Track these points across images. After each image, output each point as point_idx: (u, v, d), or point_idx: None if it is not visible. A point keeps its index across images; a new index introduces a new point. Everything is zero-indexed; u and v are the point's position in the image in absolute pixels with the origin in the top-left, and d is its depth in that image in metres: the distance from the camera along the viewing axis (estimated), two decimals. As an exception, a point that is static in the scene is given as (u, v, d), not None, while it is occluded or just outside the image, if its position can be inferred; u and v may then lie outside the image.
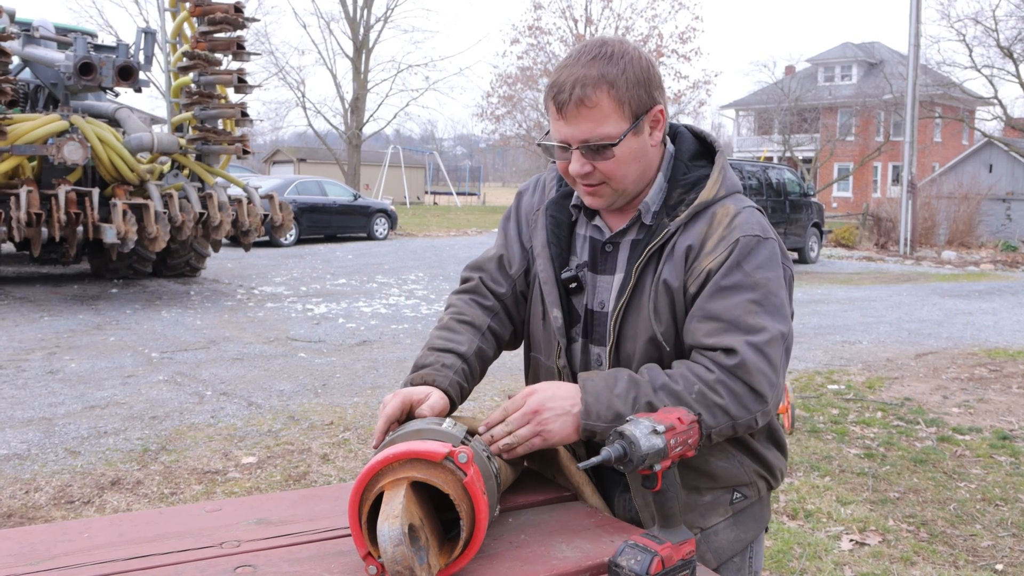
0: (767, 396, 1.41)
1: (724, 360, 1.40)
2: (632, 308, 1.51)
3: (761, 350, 1.40)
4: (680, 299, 1.48)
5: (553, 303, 1.59)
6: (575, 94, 1.42)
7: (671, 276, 1.48)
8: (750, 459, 1.57)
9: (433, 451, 1.18)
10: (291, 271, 14.30)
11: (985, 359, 8.03)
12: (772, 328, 1.42)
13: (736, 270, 1.44)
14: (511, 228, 1.72)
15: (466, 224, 29.23)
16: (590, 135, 1.44)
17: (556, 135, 1.48)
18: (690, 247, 1.48)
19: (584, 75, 1.43)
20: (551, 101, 1.46)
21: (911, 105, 21.98)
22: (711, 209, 1.51)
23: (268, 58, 37.06)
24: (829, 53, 47.14)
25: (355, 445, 5.00)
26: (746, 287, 1.43)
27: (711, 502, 1.55)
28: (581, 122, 1.44)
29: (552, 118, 1.48)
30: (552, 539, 1.34)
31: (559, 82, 1.45)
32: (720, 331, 1.42)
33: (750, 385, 1.40)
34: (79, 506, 4.02)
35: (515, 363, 6.39)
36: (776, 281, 1.46)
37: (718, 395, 1.39)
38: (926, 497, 4.38)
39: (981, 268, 18.83)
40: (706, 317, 1.44)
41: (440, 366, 1.54)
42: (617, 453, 1.14)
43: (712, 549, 1.55)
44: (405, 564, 1.09)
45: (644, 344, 1.50)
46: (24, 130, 9.07)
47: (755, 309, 1.42)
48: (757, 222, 1.49)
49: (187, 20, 10.41)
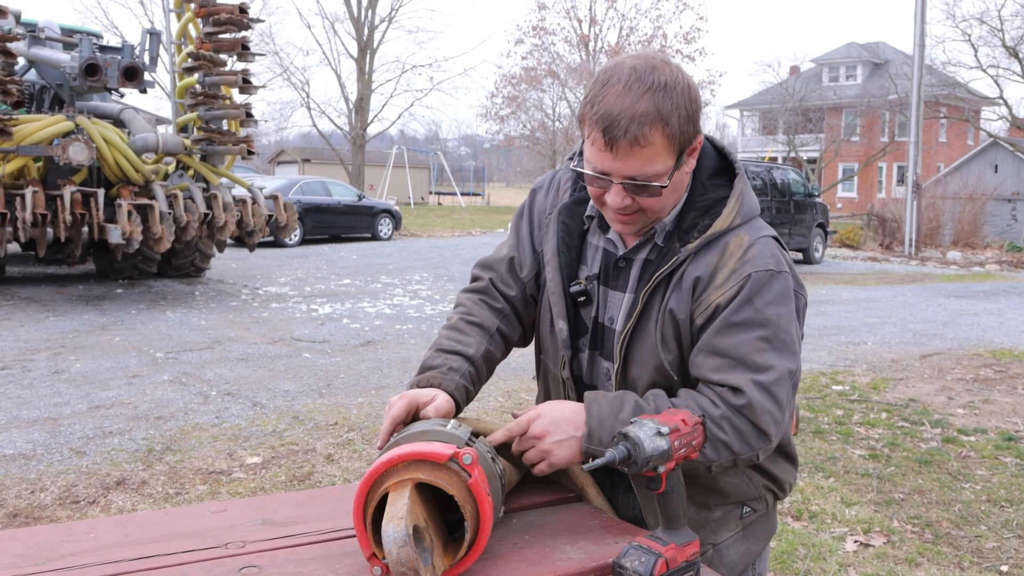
0: (771, 435, 1.41)
1: (731, 398, 1.39)
2: (639, 333, 1.49)
3: (768, 389, 1.39)
4: (687, 330, 1.46)
5: (560, 315, 1.57)
6: (631, 132, 1.34)
7: (677, 307, 1.45)
8: (759, 475, 1.58)
9: (438, 452, 1.18)
10: (295, 271, 14.32)
11: (990, 360, 8.01)
12: (780, 367, 1.40)
13: (746, 306, 1.41)
14: (524, 228, 1.70)
15: (470, 224, 29.24)
16: (638, 173, 1.38)
17: (597, 164, 1.41)
18: (699, 278, 1.44)
19: (641, 112, 1.34)
20: (599, 132, 1.37)
21: (916, 105, 21.94)
22: (724, 239, 1.46)
23: (273, 58, 37.16)
24: (834, 53, 47.05)
25: (359, 445, 5.00)
26: (756, 324, 1.40)
27: (721, 518, 1.56)
28: (631, 160, 1.37)
29: (596, 147, 1.39)
30: (556, 540, 1.34)
31: (611, 114, 1.35)
32: (726, 368, 1.40)
33: (755, 424, 1.39)
34: (84, 506, 4.03)
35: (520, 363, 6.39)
36: (787, 317, 1.43)
37: (722, 431, 1.38)
38: (931, 498, 4.37)
39: (986, 268, 18.78)
40: (713, 352, 1.42)
41: (447, 369, 1.54)
42: (621, 455, 1.14)
43: (725, 564, 1.56)
44: (409, 565, 1.09)
45: (651, 370, 1.49)
46: (30, 131, 9.10)
47: (764, 347, 1.40)
48: (771, 254, 1.45)
49: (192, 21, 10.42)
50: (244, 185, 10.79)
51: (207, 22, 10.01)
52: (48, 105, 11.08)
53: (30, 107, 11.01)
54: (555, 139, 44.35)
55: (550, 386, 1.69)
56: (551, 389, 1.69)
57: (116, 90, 10.83)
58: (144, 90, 10.25)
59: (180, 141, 10.03)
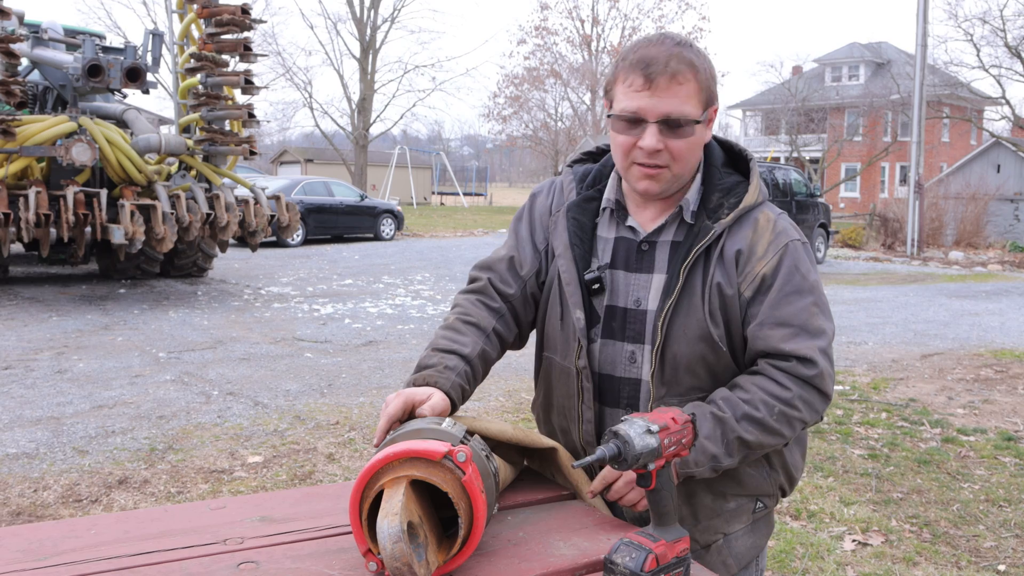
0: (831, 394, 1.53)
1: (803, 371, 1.48)
2: (681, 309, 1.53)
3: (827, 354, 1.51)
4: (734, 304, 1.52)
5: (576, 304, 1.60)
6: (671, 67, 1.44)
7: (724, 281, 1.52)
8: (780, 467, 1.63)
9: (432, 450, 1.20)
10: (298, 271, 14.35)
11: (991, 360, 8.01)
12: (829, 329, 1.53)
13: (795, 274, 1.51)
14: (523, 229, 1.73)
15: (473, 225, 29.25)
16: (673, 110, 1.46)
17: (633, 106, 1.47)
18: (740, 251, 1.52)
19: (678, 53, 1.45)
20: (637, 72, 1.46)
21: (918, 105, 21.92)
22: (752, 214, 1.56)
23: (275, 59, 37.21)
24: (836, 53, 47.01)
25: (360, 445, 5.03)
26: (806, 291, 1.51)
27: (735, 509, 1.60)
28: (669, 96, 1.45)
29: (633, 89, 1.47)
30: (550, 537, 1.36)
31: (649, 56, 1.45)
32: (793, 336, 1.49)
33: (821, 390, 1.50)
34: (87, 505, 4.05)
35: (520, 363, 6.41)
36: (820, 282, 1.56)
37: (797, 410, 1.49)
38: (929, 498, 4.39)
39: (988, 269, 18.76)
40: (778, 323, 1.50)
41: (443, 368, 1.55)
42: (612, 452, 1.16)
43: (734, 555, 1.61)
44: (404, 560, 1.11)
45: (696, 345, 1.53)
46: (33, 131, 9.13)
47: (816, 311, 1.51)
48: (795, 227, 1.58)
49: (195, 22, 10.45)
50: (246, 185, 10.81)
51: (209, 23, 10.03)
52: (51, 106, 11.12)
53: (33, 108, 11.05)
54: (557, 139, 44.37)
55: (554, 382, 1.70)
56: (556, 385, 1.69)
57: (119, 91, 10.86)
58: (147, 91, 10.28)
59: (183, 141, 10.06)
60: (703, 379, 1.54)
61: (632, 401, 1.60)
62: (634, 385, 1.59)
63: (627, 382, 1.59)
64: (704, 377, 1.54)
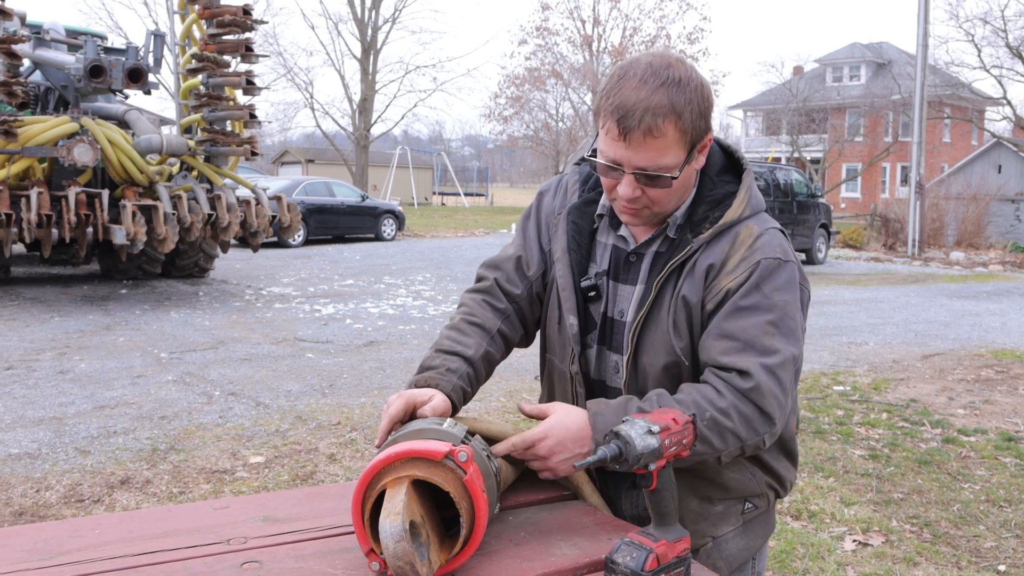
0: (776, 418, 1.44)
1: (739, 383, 1.42)
2: (651, 321, 1.52)
3: (774, 372, 1.42)
4: (697, 315, 1.50)
5: (570, 310, 1.60)
6: (644, 122, 1.38)
7: (690, 292, 1.49)
8: (762, 471, 1.60)
9: (434, 450, 1.21)
10: (299, 272, 14.35)
11: (992, 360, 8.01)
12: (785, 351, 1.44)
13: (755, 291, 1.45)
14: (531, 229, 1.72)
15: (474, 225, 29.26)
16: (649, 164, 1.42)
17: (610, 154, 1.45)
18: (711, 265, 1.49)
19: (655, 103, 1.38)
20: (613, 122, 1.41)
21: (919, 105, 21.92)
22: (735, 229, 1.51)
23: (276, 59, 37.22)
24: (837, 53, 47.00)
25: (362, 445, 5.03)
26: (763, 308, 1.45)
27: (723, 512, 1.58)
28: (643, 151, 1.41)
29: (610, 136, 1.43)
30: (551, 537, 1.36)
31: (626, 105, 1.39)
32: (735, 351, 1.44)
33: (761, 408, 1.42)
34: (89, 505, 4.06)
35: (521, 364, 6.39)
36: (793, 304, 1.48)
37: (730, 420, 1.41)
38: (930, 498, 4.39)
39: (990, 269, 18.76)
40: (722, 336, 1.46)
41: (445, 370, 1.56)
42: (613, 453, 1.17)
43: (723, 557, 1.59)
44: (406, 560, 1.12)
45: (662, 357, 1.52)
46: (35, 132, 9.14)
47: (771, 331, 1.44)
48: (779, 244, 1.51)
49: (196, 22, 10.46)
50: (248, 186, 10.82)
51: (211, 23, 10.05)
52: (53, 106, 11.13)
53: (35, 108, 11.06)
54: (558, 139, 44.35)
55: (555, 384, 1.71)
56: (556, 386, 1.71)
57: (120, 91, 10.89)
58: (148, 91, 10.31)
59: (184, 142, 10.07)
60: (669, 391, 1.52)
61: None
62: (619, 395, 1.58)
63: (615, 392, 1.60)
64: (670, 388, 1.52)
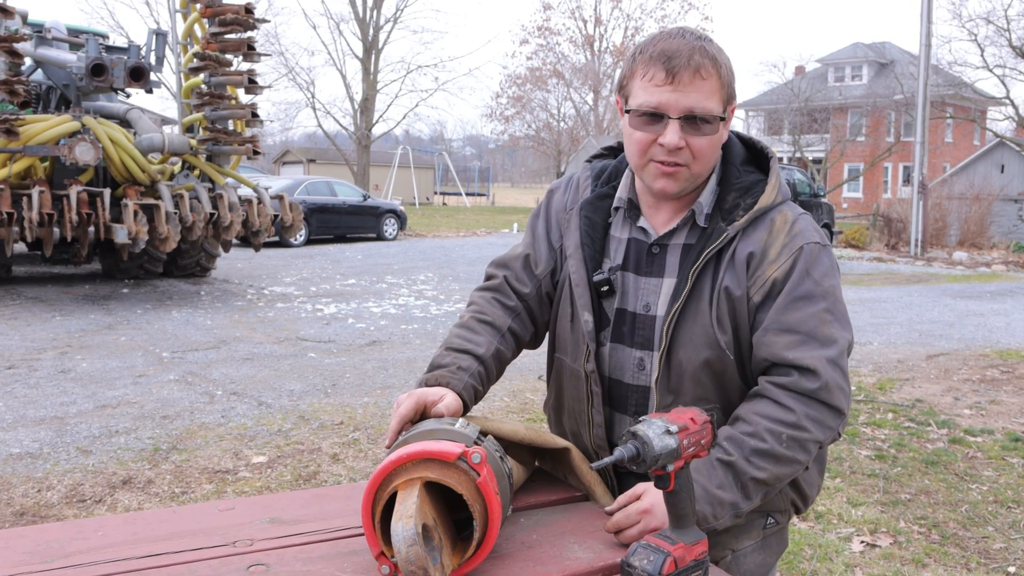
0: (845, 409, 1.43)
1: (805, 385, 1.40)
2: (688, 314, 1.47)
3: (837, 364, 1.42)
4: (743, 308, 1.46)
5: (584, 306, 1.56)
6: (694, 61, 1.39)
7: (733, 284, 1.45)
8: (790, 486, 1.57)
9: (447, 451, 1.18)
10: (301, 271, 14.34)
11: (997, 360, 7.98)
12: (842, 339, 1.44)
13: (807, 279, 1.43)
14: (540, 227, 1.69)
15: (475, 224, 29.24)
16: (697, 105, 1.41)
17: (654, 101, 1.41)
18: (752, 254, 1.45)
19: (700, 47, 1.40)
20: (658, 66, 1.40)
21: (922, 105, 21.88)
22: (769, 215, 1.49)
23: (278, 59, 37.21)
24: (839, 53, 46.95)
25: (365, 445, 5.01)
26: (818, 296, 1.43)
27: (745, 525, 1.54)
28: (692, 92, 1.40)
29: (653, 83, 1.41)
30: (564, 539, 1.34)
31: (671, 49, 1.39)
32: (799, 344, 1.41)
33: (829, 404, 1.41)
34: (91, 505, 4.04)
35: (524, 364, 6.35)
36: (839, 289, 1.48)
37: (807, 431, 1.40)
38: (937, 499, 4.36)
39: (993, 269, 18.72)
40: (783, 330, 1.43)
41: (456, 368, 1.53)
42: (630, 453, 1.14)
43: (742, 572, 1.55)
44: (419, 564, 1.09)
45: (703, 352, 1.47)
46: (36, 131, 9.12)
47: (828, 319, 1.43)
48: (815, 229, 1.49)
49: (198, 21, 10.45)
50: (250, 185, 10.81)
51: (213, 22, 10.02)
52: (54, 105, 11.11)
53: (36, 107, 11.04)
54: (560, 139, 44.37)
55: (565, 384, 1.67)
56: (567, 387, 1.66)
57: (122, 90, 10.86)
58: (150, 90, 10.28)
59: (186, 141, 10.05)
60: (708, 388, 1.49)
61: (640, 409, 1.56)
62: (642, 393, 1.55)
63: (635, 389, 1.56)
64: (709, 386, 1.49)
